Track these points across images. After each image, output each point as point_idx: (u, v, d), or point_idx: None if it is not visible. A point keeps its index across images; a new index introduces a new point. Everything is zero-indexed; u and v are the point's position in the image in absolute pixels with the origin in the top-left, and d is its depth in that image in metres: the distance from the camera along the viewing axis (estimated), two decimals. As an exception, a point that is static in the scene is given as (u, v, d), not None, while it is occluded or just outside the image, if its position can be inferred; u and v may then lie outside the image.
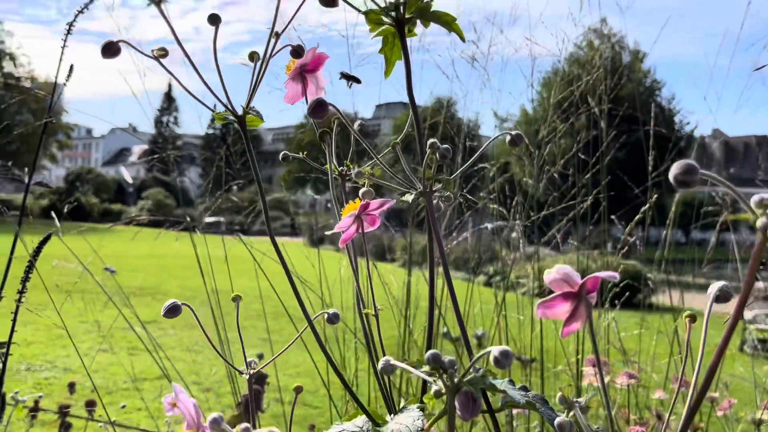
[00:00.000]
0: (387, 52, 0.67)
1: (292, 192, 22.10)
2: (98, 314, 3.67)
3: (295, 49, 0.68)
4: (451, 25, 0.64)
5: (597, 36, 6.51)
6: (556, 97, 2.10)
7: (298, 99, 0.74)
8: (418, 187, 0.65)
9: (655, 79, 20.49)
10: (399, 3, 0.63)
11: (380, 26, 0.65)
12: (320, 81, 0.74)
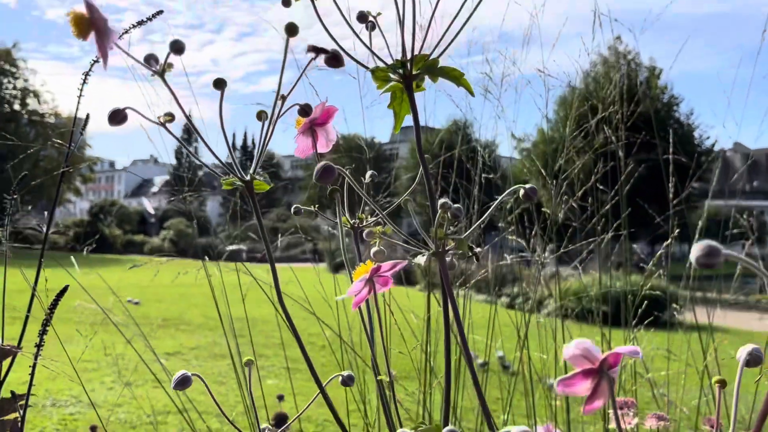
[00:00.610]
0: (396, 107, 0.67)
1: (311, 218, 22.33)
2: (122, 347, 3.69)
3: (303, 108, 0.69)
4: (460, 80, 0.64)
5: (612, 53, 6.48)
6: (572, 121, 2.09)
7: (308, 152, 0.75)
8: (431, 247, 0.64)
9: (672, 95, 20.35)
10: (406, 60, 0.63)
11: (387, 83, 0.65)
12: (330, 134, 0.74)
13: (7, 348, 0.93)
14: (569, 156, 2.08)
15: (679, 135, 19.64)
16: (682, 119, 20.74)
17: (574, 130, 2.12)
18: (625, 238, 2.19)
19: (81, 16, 0.56)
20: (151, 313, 7.97)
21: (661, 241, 2.30)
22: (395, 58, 0.64)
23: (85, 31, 0.56)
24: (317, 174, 0.60)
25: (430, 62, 0.63)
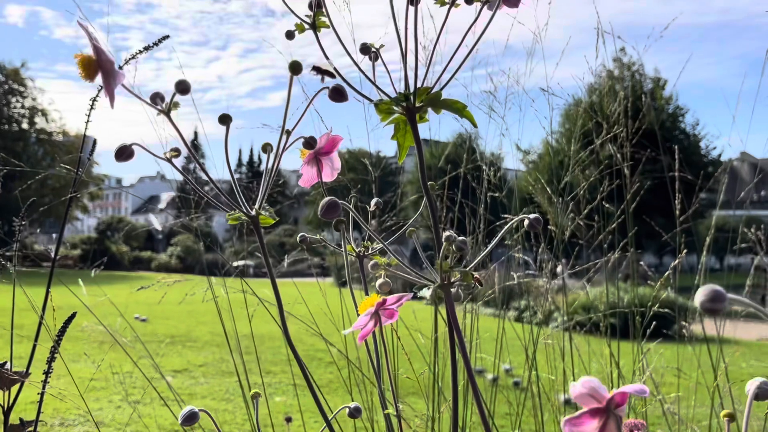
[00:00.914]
0: (399, 138, 0.68)
1: (318, 232, 22.55)
2: (130, 366, 3.69)
3: (307, 141, 0.71)
4: (462, 112, 0.65)
5: (617, 66, 6.42)
6: (577, 140, 2.08)
7: (313, 182, 0.76)
8: (436, 279, 0.64)
9: (678, 106, 20.33)
10: (409, 93, 0.64)
11: (391, 115, 0.66)
12: (335, 162, 0.75)
13: (15, 376, 0.93)
14: (575, 174, 2.07)
15: (685, 146, 19.61)
16: (688, 130, 20.69)
17: (578, 149, 2.11)
18: (632, 254, 2.17)
19: (89, 59, 0.57)
20: (158, 330, 7.96)
21: (668, 252, 2.29)
22: (398, 90, 0.65)
23: (93, 74, 0.58)
24: (322, 210, 0.61)
25: (433, 95, 0.64)
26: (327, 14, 0.66)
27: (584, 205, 2.04)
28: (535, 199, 2.13)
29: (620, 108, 2.07)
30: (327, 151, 0.74)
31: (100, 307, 2.75)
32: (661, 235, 2.41)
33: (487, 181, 2.03)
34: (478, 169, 2.14)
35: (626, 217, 2.09)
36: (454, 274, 0.63)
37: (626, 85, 2.16)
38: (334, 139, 0.74)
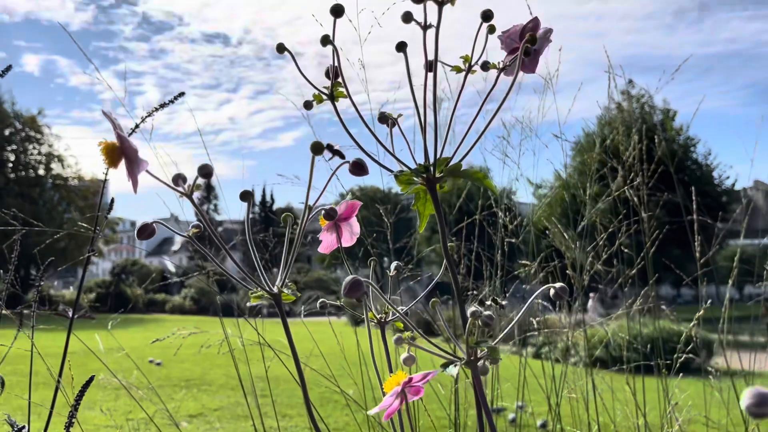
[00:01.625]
0: (420, 207, 0.68)
1: (330, 270, 21.97)
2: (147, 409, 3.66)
3: (327, 212, 0.71)
4: (483, 181, 0.65)
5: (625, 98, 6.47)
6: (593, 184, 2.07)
7: (333, 248, 0.77)
8: (462, 356, 0.62)
9: (689, 136, 20.29)
10: (428, 165, 0.64)
11: (411, 185, 0.66)
12: (354, 227, 0.76)
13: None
14: (591, 218, 2.05)
15: (698, 176, 19.48)
16: (700, 160, 20.60)
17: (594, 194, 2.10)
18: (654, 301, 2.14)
19: (112, 146, 0.58)
20: (173, 374, 7.91)
21: (685, 284, 2.26)
22: (418, 162, 0.65)
23: (116, 160, 0.58)
24: (346, 290, 0.60)
25: (453, 167, 0.64)
26: (344, 84, 0.66)
27: (603, 249, 2.02)
28: (549, 235, 2.11)
29: (635, 151, 2.06)
30: (346, 217, 0.75)
31: (115, 351, 2.74)
32: (678, 266, 2.38)
33: (503, 227, 2.02)
34: (493, 215, 2.13)
35: (646, 263, 2.06)
36: (480, 349, 0.62)
37: (639, 126, 2.13)
38: (353, 205, 0.75)
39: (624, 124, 2.16)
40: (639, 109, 5.67)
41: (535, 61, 0.63)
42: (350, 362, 1.99)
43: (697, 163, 20.35)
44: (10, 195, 24.34)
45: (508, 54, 0.66)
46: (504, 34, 0.65)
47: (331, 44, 0.64)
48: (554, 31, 0.62)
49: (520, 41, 0.64)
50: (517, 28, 0.64)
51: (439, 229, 0.66)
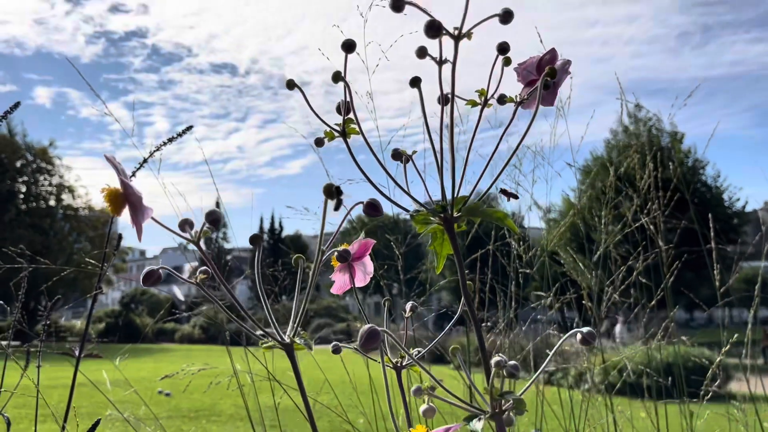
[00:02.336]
0: (437, 247, 0.66)
1: (340, 298, 21.99)
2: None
3: (341, 254, 0.70)
4: (504, 221, 0.63)
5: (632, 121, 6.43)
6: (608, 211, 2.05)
7: (345, 289, 0.75)
8: (485, 408, 0.60)
9: (697, 159, 20.24)
10: (446, 204, 0.62)
11: (428, 225, 0.65)
12: (368, 266, 0.75)
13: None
14: (606, 246, 2.03)
15: (707, 198, 19.39)
16: (709, 182, 20.53)
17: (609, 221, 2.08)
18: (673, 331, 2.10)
19: (116, 193, 0.56)
20: (182, 404, 7.86)
21: (698, 307, 2.23)
22: (431, 195, 0.64)
23: (120, 207, 0.57)
24: (362, 341, 0.58)
25: (472, 206, 0.63)
26: (356, 120, 0.65)
27: (618, 277, 1.99)
28: (563, 263, 2.09)
29: (650, 179, 2.04)
30: (359, 256, 0.74)
31: (124, 383, 2.72)
32: (691, 289, 2.34)
33: (517, 257, 2.00)
34: (508, 246, 2.11)
35: (666, 295, 2.04)
36: (505, 400, 0.59)
37: (653, 153, 2.10)
38: (366, 244, 0.73)
39: (637, 151, 2.14)
40: (647, 132, 5.67)
41: (553, 93, 0.62)
42: (360, 392, 1.96)
43: (707, 185, 20.27)
44: (21, 226, 24.50)
45: (525, 86, 0.64)
46: (520, 66, 0.64)
47: (343, 80, 0.62)
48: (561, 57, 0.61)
49: (538, 73, 0.62)
50: (534, 60, 0.62)
51: (458, 270, 0.64)
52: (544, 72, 0.60)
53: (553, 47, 0.61)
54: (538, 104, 0.60)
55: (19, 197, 26.31)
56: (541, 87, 0.60)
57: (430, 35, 0.56)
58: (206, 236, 0.62)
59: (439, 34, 0.56)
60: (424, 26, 0.55)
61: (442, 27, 0.56)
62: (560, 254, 2.12)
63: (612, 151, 14.47)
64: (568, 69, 0.61)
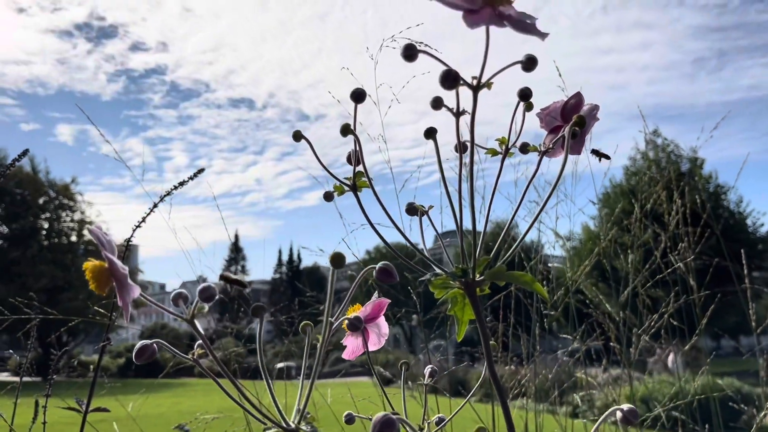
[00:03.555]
0: (458, 312, 0.62)
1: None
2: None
3: (352, 323, 0.65)
4: (532, 285, 0.59)
5: (651, 147, 6.39)
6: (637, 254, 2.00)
7: (358, 353, 0.71)
8: None
9: (719, 184, 20.01)
10: (467, 267, 0.58)
11: (447, 290, 0.60)
12: (382, 328, 0.70)
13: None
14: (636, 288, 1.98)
15: (730, 224, 19.08)
16: (732, 207, 20.25)
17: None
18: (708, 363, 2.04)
19: (100, 269, 0.52)
20: (201, 439, 7.79)
21: (725, 335, 2.17)
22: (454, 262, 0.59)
23: (104, 284, 0.52)
24: (375, 429, 0.55)
25: (496, 270, 0.58)
26: (366, 173, 0.61)
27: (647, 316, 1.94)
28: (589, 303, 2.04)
29: (678, 216, 2.00)
30: (373, 317, 0.69)
31: (143, 419, 2.70)
32: (717, 318, 2.28)
33: (541, 301, 1.95)
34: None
35: (699, 333, 1.98)
36: None
37: (681, 189, 2.04)
38: (380, 304, 0.68)
39: (663, 186, 2.09)
40: (666, 158, 5.62)
41: (581, 142, 0.57)
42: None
43: (730, 211, 19.99)
44: (43, 262, 24.78)
45: (549, 133, 0.60)
46: (543, 112, 0.59)
47: (352, 134, 0.59)
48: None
49: (562, 119, 0.58)
50: (558, 105, 0.58)
51: (482, 338, 0.59)
52: (572, 121, 0.55)
53: (579, 91, 0.56)
54: (567, 155, 0.55)
55: (42, 233, 26.67)
56: (569, 137, 0.55)
57: (446, 86, 0.51)
58: (200, 312, 0.58)
59: (456, 85, 0.52)
60: (439, 77, 0.50)
61: (459, 77, 0.51)
62: (585, 291, 2.07)
63: (631, 178, 14.38)
64: (595, 115, 0.57)
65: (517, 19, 0.47)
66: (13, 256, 24.80)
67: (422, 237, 0.64)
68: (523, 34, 0.46)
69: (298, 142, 0.61)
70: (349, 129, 0.59)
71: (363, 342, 0.69)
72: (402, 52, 0.51)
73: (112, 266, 0.52)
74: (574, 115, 0.56)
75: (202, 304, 0.59)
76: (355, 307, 0.68)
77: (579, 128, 0.56)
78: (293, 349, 2.44)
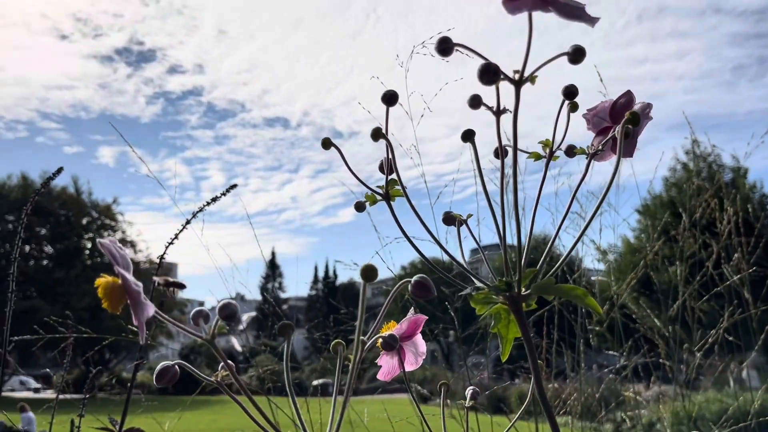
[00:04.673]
0: (502, 330, 0.58)
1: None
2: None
3: (386, 341, 0.60)
4: (584, 300, 0.54)
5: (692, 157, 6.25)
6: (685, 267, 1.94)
7: (394, 374, 0.66)
8: None
9: (764, 194, 19.42)
10: (511, 280, 0.54)
11: (489, 305, 0.56)
12: (419, 347, 0.66)
13: None
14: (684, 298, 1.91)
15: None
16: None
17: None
18: None
19: (113, 286, 0.49)
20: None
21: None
22: (496, 275, 0.55)
23: (117, 303, 0.49)
24: None
25: (544, 283, 0.53)
26: (400, 180, 0.58)
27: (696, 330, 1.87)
28: (629, 312, 1.99)
29: (730, 225, 1.92)
30: (410, 334, 0.64)
31: None
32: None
33: (586, 315, 1.90)
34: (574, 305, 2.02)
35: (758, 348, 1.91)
36: None
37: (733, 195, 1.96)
38: (417, 321, 0.64)
39: (712, 195, 2.01)
40: (707, 168, 5.49)
41: (632, 143, 0.52)
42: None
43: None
44: (86, 281, 25.38)
45: (596, 135, 0.55)
46: (590, 112, 0.55)
47: (384, 138, 0.55)
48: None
49: (611, 120, 0.53)
50: (606, 105, 0.54)
51: (529, 357, 0.54)
52: (625, 118, 0.51)
53: (629, 90, 0.52)
54: (619, 157, 0.50)
55: (85, 253, 27.35)
56: (621, 137, 0.50)
57: (485, 81, 0.47)
58: (221, 332, 0.55)
59: (496, 79, 0.47)
60: (478, 71, 0.46)
61: (499, 71, 0.47)
62: (630, 305, 2.01)
63: (670, 189, 14.08)
64: (649, 114, 0.52)
65: (564, 3, 0.43)
66: (57, 276, 25.45)
67: (460, 248, 0.59)
68: (569, 21, 0.43)
69: (327, 149, 0.58)
70: (381, 133, 0.55)
71: (399, 362, 0.65)
72: (436, 46, 0.47)
73: (125, 283, 0.48)
74: (623, 115, 0.51)
75: (222, 323, 0.55)
76: (390, 324, 0.64)
77: (632, 126, 0.51)
78: (329, 366, 2.43)
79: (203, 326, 0.56)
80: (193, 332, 0.55)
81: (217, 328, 0.55)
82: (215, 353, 0.56)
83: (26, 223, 1.11)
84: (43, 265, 26.73)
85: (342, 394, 0.58)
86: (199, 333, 0.55)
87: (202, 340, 0.54)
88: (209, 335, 0.55)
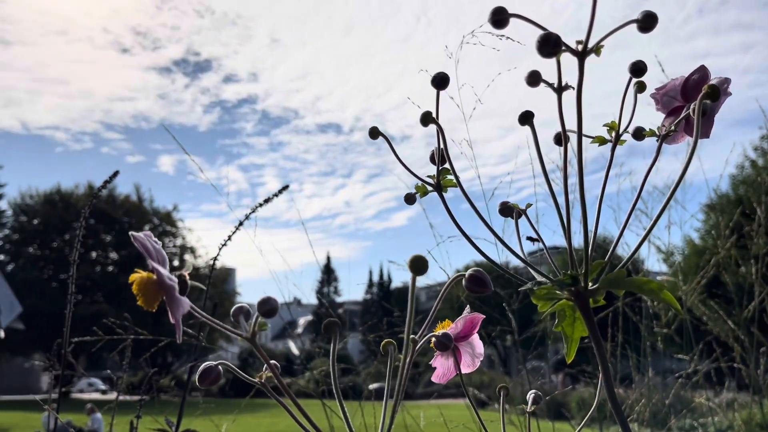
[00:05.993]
0: (566, 328, 0.53)
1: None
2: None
3: (440, 341, 0.56)
4: (659, 294, 0.49)
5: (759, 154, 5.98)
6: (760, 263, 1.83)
7: (450, 376, 0.62)
8: None
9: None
10: (577, 274, 0.49)
11: (552, 301, 0.52)
12: (476, 348, 0.61)
13: None
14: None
15: None
16: None
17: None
18: None
19: (148, 281, 0.47)
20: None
21: None
22: (561, 270, 0.51)
23: (153, 299, 0.47)
24: None
25: (614, 276, 0.49)
26: (453, 169, 0.54)
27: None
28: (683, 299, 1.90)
29: None
30: (466, 334, 0.60)
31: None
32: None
33: (653, 316, 1.81)
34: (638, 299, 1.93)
35: None
36: None
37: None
38: (473, 320, 0.60)
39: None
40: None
41: (710, 121, 0.47)
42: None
43: None
44: (149, 286, 26.29)
45: (667, 116, 0.50)
46: (659, 92, 0.50)
47: (435, 123, 0.51)
48: None
49: (683, 98, 0.48)
50: (677, 82, 0.49)
51: (598, 358, 0.50)
52: (702, 93, 0.45)
53: (703, 65, 0.47)
54: (697, 137, 0.45)
55: (148, 259, 28.30)
56: (699, 113, 0.45)
57: (545, 53, 0.42)
58: (262, 329, 0.53)
59: (557, 51, 0.43)
60: (537, 42, 0.42)
61: (561, 41, 0.42)
62: (694, 307, 1.91)
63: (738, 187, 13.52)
64: (727, 89, 0.47)
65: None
66: (122, 281, 26.37)
67: (519, 241, 0.55)
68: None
69: (374, 139, 0.55)
70: (431, 117, 0.50)
71: (454, 363, 0.61)
72: (490, 17, 0.42)
73: (159, 278, 0.46)
74: (697, 92, 0.46)
75: (263, 320, 0.52)
76: (444, 323, 0.60)
77: (712, 101, 0.45)
78: (382, 369, 2.42)
79: (243, 324, 0.53)
80: (234, 330, 0.52)
81: (258, 325, 0.52)
82: (256, 352, 0.54)
83: (92, 231, 1.14)
84: (108, 271, 27.75)
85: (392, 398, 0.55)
86: (240, 332, 0.53)
87: (242, 338, 0.52)
88: (249, 333, 0.52)
